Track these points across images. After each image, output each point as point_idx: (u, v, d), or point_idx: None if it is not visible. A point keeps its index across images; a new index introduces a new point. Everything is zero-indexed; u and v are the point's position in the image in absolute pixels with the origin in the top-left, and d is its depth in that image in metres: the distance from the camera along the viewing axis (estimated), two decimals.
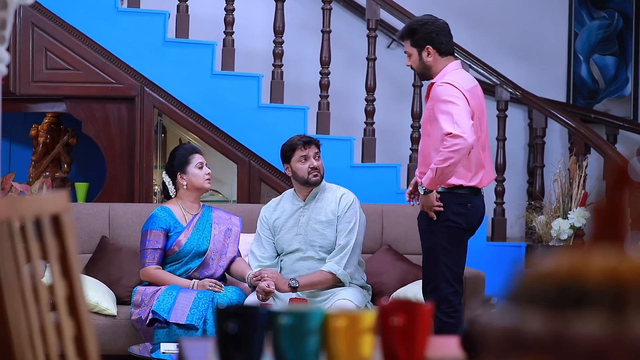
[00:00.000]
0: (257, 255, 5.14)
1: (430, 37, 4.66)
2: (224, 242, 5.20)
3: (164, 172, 5.31)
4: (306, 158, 5.06)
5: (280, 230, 5.14)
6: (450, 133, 4.40)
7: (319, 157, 5.11)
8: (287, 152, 5.12)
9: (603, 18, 7.73)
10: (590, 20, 7.72)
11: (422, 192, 4.53)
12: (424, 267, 4.68)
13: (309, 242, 5.08)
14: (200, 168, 5.19)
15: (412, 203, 4.74)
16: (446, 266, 4.59)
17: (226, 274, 5.30)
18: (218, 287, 4.98)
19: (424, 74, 4.73)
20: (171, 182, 5.25)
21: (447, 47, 4.68)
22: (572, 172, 6.33)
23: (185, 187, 5.19)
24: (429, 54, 4.66)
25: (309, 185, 5.10)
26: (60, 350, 1.82)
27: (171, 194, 5.25)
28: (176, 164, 5.21)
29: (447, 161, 4.41)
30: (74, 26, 6.21)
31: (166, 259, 5.13)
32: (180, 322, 4.76)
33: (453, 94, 4.52)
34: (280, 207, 5.20)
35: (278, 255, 5.21)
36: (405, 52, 4.77)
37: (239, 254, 5.28)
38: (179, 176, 5.19)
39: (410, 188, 4.72)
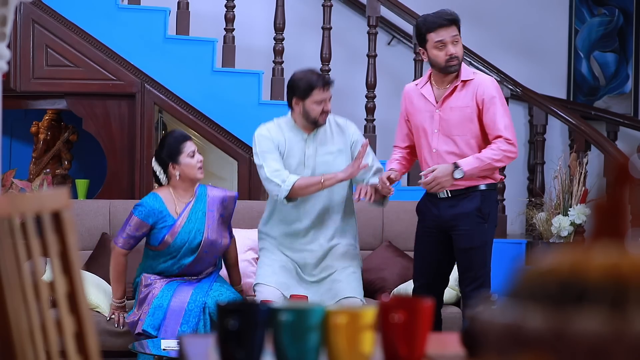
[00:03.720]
0: (280, 167, 4.72)
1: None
2: (218, 230, 5.03)
3: (153, 159, 5.09)
4: (323, 101, 4.78)
5: (283, 158, 4.80)
6: (511, 141, 4.44)
7: (330, 99, 4.87)
8: (304, 89, 4.75)
9: (603, 15, 7.73)
10: (591, 17, 7.72)
11: (458, 176, 4.40)
12: (472, 266, 4.58)
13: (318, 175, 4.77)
14: (192, 156, 4.98)
15: (364, 198, 4.62)
16: (490, 263, 4.61)
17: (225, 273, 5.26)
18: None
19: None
20: (162, 170, 5.03)
21: None
22: (572, 169, 6.33)
23: (177, 177, 4.98)
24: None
25: (317, 125, 4.82)
26: (60, 347, 1.82)
27: (163, 182, 5.05)
28: (167, 154, 5.00)
29: (498, 162, 4.46)
30: (75, 23, 6.21)
31: (160, 255, 4.99)
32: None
33: (504, 97, 4.62)
34: (281, 133, 4.85)
35: None
36: (454, 36, 4.56)
37: (231, 235, 5.13)
38: (171, 166, 4.98)
39: (384, 184, 4.60)
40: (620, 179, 0.96)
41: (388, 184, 4.56)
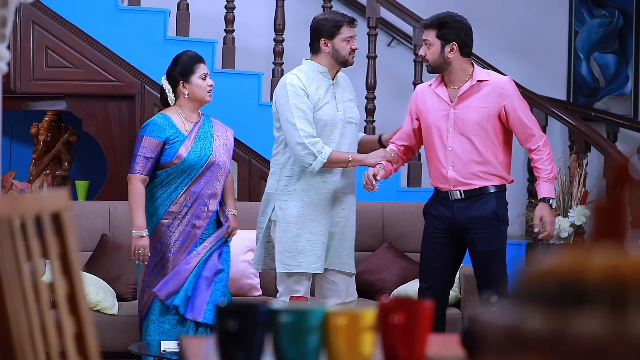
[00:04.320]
0: (313, 131, 4.63)
1: (459, 35, 4.61)
2: (222, 155, 4.96)
3: (164, 78, 4.98)
4: (351, 38, 4.76)
5: (318, 106, 4.71)
6: (546, 138, 4.59)
7: (355, 37, 4.83)
8: (330, 28, 4.74)
9: (603, 16, 7.73)
10: (591, 18, 7.72)
11: (554, 206, 4.56)
12: (491, 269, 4.58)
13: (347, 120, 4.77)
14: (204, 79, 4.90)
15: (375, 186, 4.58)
16: (506, 265, 4.65)
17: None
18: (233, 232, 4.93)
19: (440, 67, 4.61)
20: (171, 89, 4.92)
21: (469, 49, 4.66)
22: (572, 170, 6.33)
23: (186, 96, 4.89)
24: (452, 50, 4.59)
25: (345, 65, 4.81)
26: (60, 348, 1.82)
27: (170, 102, 4.94)
28: (179, 72, 4.89)
29: (554, 167, 4.63)
30: (75, 24, 6.21)
31: (170, 175, 4.84)
32: (198, 320, 4.67)
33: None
34: (311, 80, 4.76)
35: None
36: (424, 40, 4.65)
37: (229, 172, 5.08)
38: (181, 84, 4.88)
39: (379, 178, 4.57)
40: (620, 180, 0.96)
41: (374, 182, 4.55)
